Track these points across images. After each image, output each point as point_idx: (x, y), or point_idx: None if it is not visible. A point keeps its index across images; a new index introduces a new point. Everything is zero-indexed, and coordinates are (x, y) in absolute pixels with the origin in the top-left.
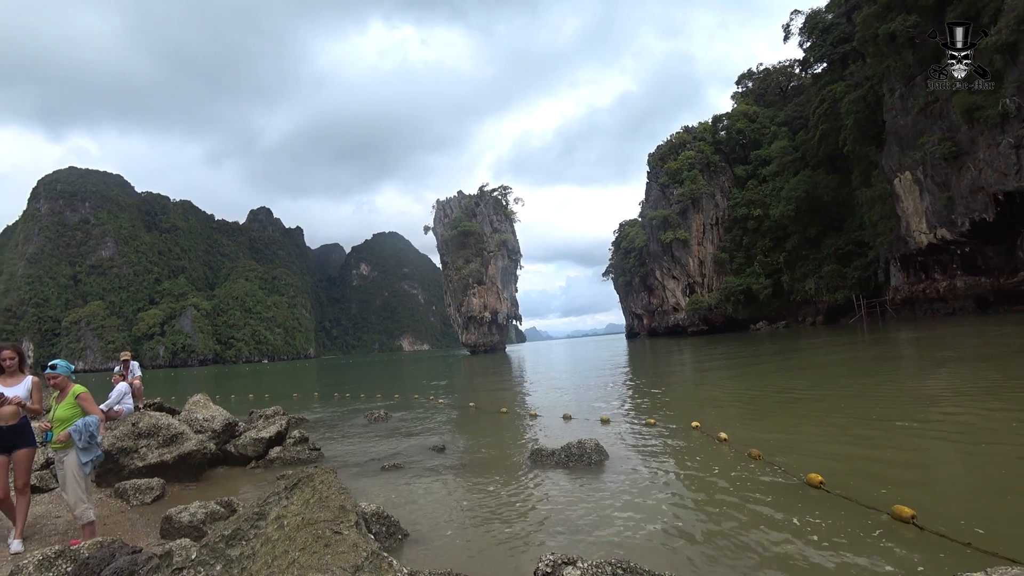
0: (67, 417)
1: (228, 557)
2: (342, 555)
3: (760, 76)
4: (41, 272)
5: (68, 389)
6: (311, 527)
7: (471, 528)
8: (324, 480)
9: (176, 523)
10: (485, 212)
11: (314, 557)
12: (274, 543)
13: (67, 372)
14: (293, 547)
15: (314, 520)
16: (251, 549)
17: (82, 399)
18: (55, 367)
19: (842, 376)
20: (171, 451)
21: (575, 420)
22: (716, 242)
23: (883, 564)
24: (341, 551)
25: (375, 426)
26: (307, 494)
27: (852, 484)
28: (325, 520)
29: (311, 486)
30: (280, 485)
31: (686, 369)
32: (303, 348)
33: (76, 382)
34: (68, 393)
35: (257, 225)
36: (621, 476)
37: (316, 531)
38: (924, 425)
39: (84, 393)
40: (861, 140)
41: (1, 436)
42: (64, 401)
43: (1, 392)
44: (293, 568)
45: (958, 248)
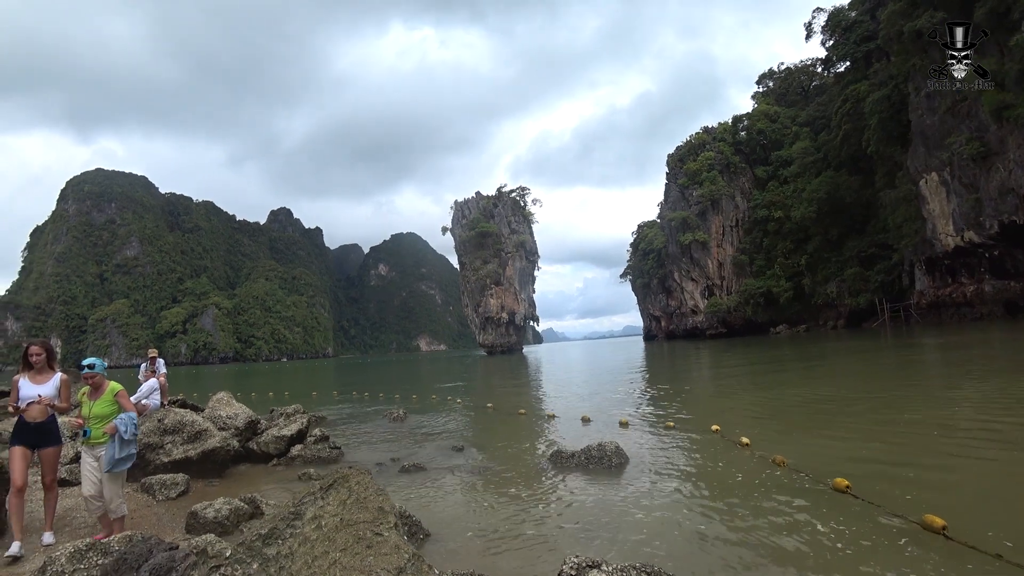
0: (106, 414)
1: (265, 556)
2: (385, 557)
3: (781, 75)
4: (69, 271)
5: (104, 387)
6: (351, 528)
7: (492, 529)
8: (360, 481)
9: (201, 519)
10: (503, 213)
11: (356, 558)
12: (313, 543)
13: (102, 370)
14: (333, 548)
15: (353, 521)
16: (288, 549)
17: (120, 396)
18: (92, 366)
19: (866, 382)
20: (195, 447)
21: (593, 423)
22: (736, 244)
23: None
24: (384, 552)
25: (394, 426)
26: (343, 495)
27: (879, 490)
28: (365, 521)
29: (347, 487)
30: (315, 485)
31: (705, 373)
32: (322, 347)
33: (109, 379)
34: (105, 390)
35: (277, 225)
36: (642, 479)
37: (357, 532)
38: (952, 432)
39: (121, 391)
40: (885, 140)
41: (28, 433)
42: (102, 398)
43: (36, 394)
44: (335, 569)
45: (986, 251)
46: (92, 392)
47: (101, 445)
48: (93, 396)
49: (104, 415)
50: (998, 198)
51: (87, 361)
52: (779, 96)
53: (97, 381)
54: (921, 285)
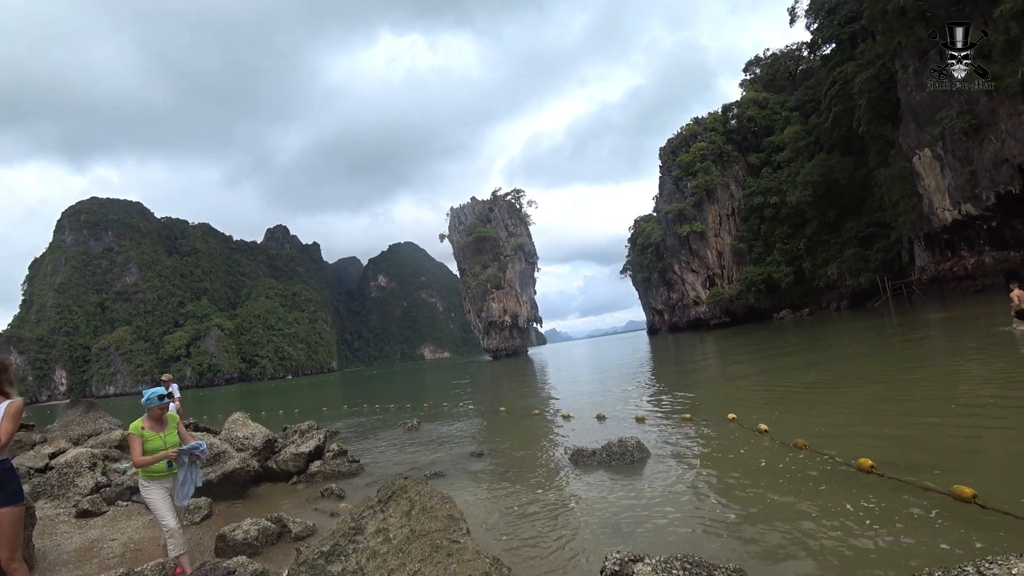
0: (176, 444)
1: (329, 573)
2: (468, 563)
3: (767, 62)
4: (70, 301)
5: (166, 417)
6: (424, 538)
7: (524, 533)
8: (419, 491)
9: (231, 541)
10: (499, 217)
11: (439, 568)
12: (384, 556)
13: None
14: (410, 559)
15: (425, 531)
16: (355, 564)
17: (180, 424)
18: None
19: (875, 361)
20: (215, 470)
21: (609, 420)
22: (733, 232)
23: (948, 544)
24: (467, 559)
25: (409, 435)
26: (404, 505)
27: (904, 467)
28: (437, 530)
29: (407, 497)
30: (373, 499)
31: (712, 363)
32: (326, 362)
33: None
34: (168, 420)
35: (274, 243)
36: (666, 472)
37: (432, 541)
38: (969, 405)
39: (180, 420)
40: (876, 119)
41: None
42: (169, 428)
43: None
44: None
45: (984, 223)
46: (156, 424)
47: (168, 477)
48: (159, 427)
49: (175, 445)
50: (992, 169)
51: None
52: (767, 82)
53: (156, 414)
54: (921, 261)
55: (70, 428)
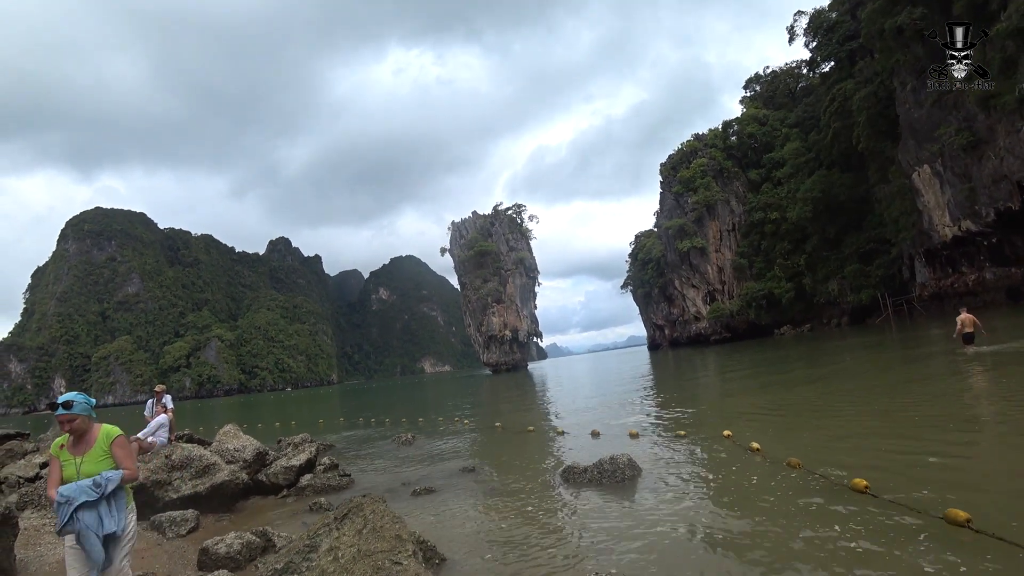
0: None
1: None
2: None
3: (768, 79)
4: (71, 310)
5: (94, 432)
6: (369, 558)
7: (509, 550)
8: (375, 509)
9: (213, 555)
10: (500, 231)
11: None
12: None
13: (87, 410)
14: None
15: (371, 551)
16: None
17: (118, 445)
18: (70, 405)
19: (875, 378)
20: (204, 482)
21: (604, 436)
22: (734, 248)
23: (939, 568)
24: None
25: (403, 450)
26: (358, 524)
27: (898, 488)
28: (382, 551)
29: (361, 516)
30: (329, 516)
31: (712, 380)
32: (326, 375)
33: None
34: (97, 437)
35: (276, 255)
36: (657, 491)
37: (375, 562)
38: (968, 426)
39: (120, 437)
40: (875, 136)
41: None
42: (93, 450)
43: None
44: None
45: (984, 239)
46: (75, 442)
47: None
48: (78, 448)
49: (95, 474)
50: (992, 186)
51: (63, 398)
52: (767, 99)
53: (79, 425)
54: (922, 277)
55: None
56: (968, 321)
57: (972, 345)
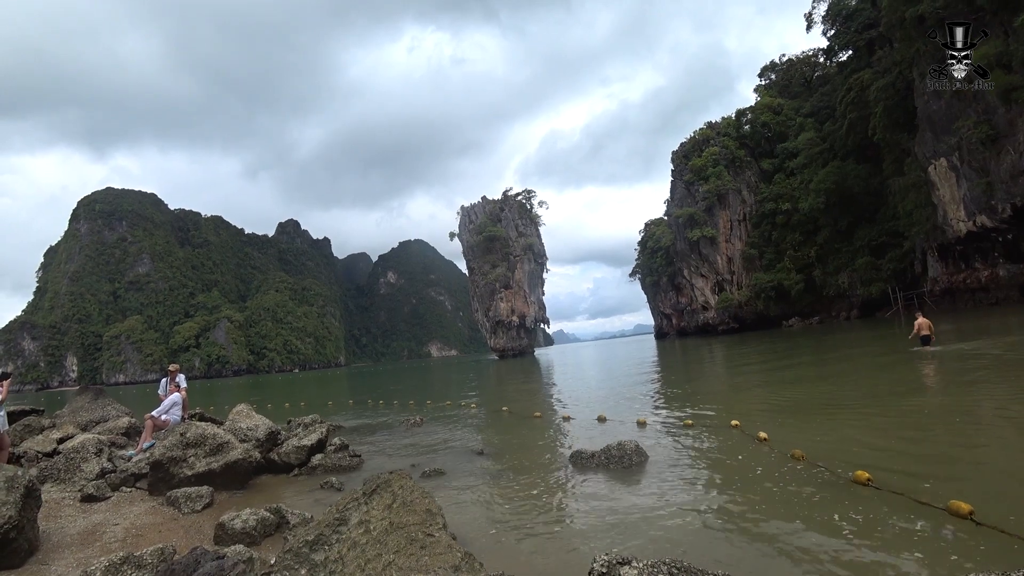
0: None
1: (312, 561)
2: (440, 556)
3: (783, 67)
4: (83, 289)
5: None
6: (401, 530)
7: (517, 531)
8: (403, 485)
9: (229, 530)
10: (510, 216)
11: (411, 559)
12: (363, 547)
13: None
14: (386, 550)
15: (403, 524)
16: (337, 553)
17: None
18: None
19: (882, 372)
20: (218, 460)
21: (611, 422)
22: (744, 238)
23: (940, 559)
24: (438, 552)
25: (412, 432)
26: (387, 499)
27: (901, 481)
28: (414, 523)
29: (390, 491)
30: (358, 491)
31: (719, 369)
32: (333, 357)
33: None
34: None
35: (286, 237)
36: (664, 477)
37: (408, 534)
38: (973, 420)
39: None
40: (892, 127)
41: None
42: None
43: None
44: (391, 570)
45: (999, 235)
46: None
47: None
48: None
49: None
50: (1010, 181)
51: None
52: (782, 88)
53: None
54: (934, 272)
55: (79, 414)
56: (924, 325)
57: (929, 346)
